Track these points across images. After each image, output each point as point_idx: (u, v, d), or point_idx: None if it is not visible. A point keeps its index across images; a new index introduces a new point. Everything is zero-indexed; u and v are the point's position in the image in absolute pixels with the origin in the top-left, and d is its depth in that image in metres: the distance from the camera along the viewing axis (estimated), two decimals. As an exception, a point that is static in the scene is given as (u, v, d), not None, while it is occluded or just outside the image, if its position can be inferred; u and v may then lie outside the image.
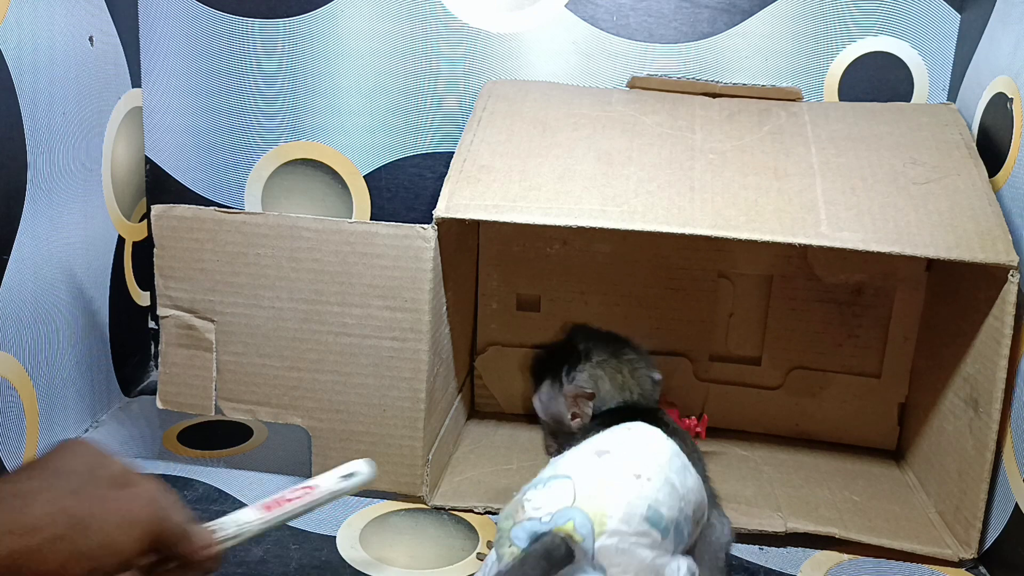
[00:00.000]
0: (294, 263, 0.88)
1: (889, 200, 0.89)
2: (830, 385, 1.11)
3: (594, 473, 0.65)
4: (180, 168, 1.21)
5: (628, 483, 0.63)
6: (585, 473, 0.64)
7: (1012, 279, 0.82)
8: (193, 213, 0.89)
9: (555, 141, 0.97)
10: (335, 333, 0.90)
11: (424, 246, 0.87)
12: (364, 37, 1.16)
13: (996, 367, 0.83)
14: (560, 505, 0.61)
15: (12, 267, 0.90)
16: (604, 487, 0.63)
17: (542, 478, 0.66)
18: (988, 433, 0.84)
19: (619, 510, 0.61)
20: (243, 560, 0.82)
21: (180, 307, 0.91)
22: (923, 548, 0.88)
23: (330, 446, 0.92)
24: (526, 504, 0.62)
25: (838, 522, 0.91)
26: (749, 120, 1.01)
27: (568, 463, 0.67)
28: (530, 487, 0.65)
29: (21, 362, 0.92)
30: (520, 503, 0.63)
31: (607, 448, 0.68)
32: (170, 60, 1.17)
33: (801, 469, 1.03)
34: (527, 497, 0.63)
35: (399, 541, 0.87)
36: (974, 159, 0.94)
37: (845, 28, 1.12)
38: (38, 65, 0.93)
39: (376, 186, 1.20)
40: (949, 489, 0.92)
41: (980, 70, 1.03)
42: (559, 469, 0.66)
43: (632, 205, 0.88)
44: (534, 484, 0.65)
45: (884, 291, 1.08)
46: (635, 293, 1.11)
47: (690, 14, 1.13)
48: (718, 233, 0.85)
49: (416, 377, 0.90)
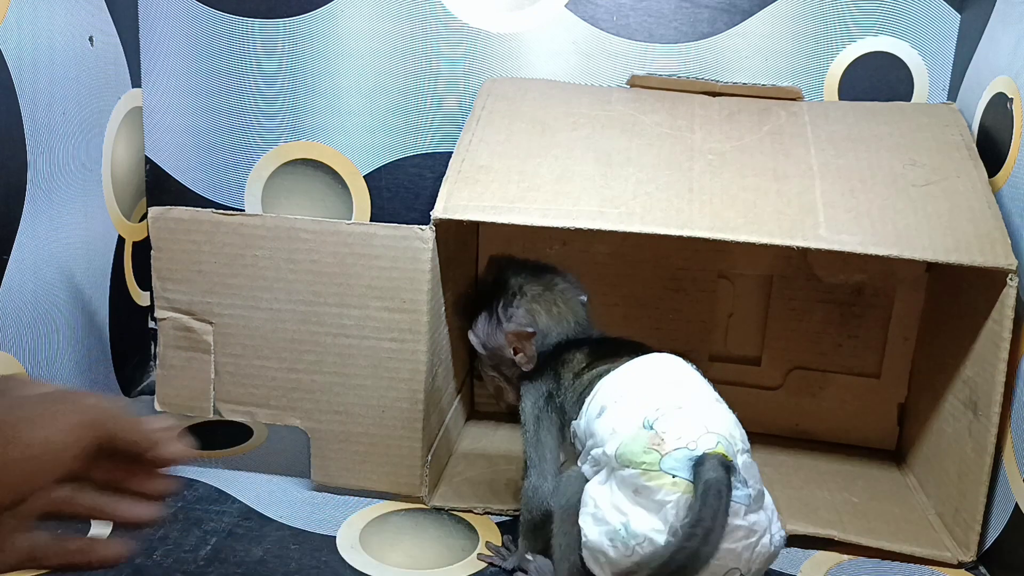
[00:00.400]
0: (292, 264, 0.88)
1: (888, 202, 0.88)
2: (830, 385, 1.11)
3: (696, 401, 0.67)
4: (180, 168, 1.21)
5: (722, 407, 0.69)
6: (689, 402, 0.67)
7: (1011, 283, 0.82)
8: (191, 215, 0.89)
9: (554, 141, 0.97)
10: (333, 334, 0.90)
11: (422, 247, 0.87)
12: (364, 37, 1.16)
13: (995, 370, 0.83)
14: (697, 432, 0.62)
15: (12, 267, 0.90)
16: (713, 412, 0.67)
17: (654, 413, 0.65)
18: (987, 436, 0.84)
19: (737, 429, 0.67)
20: (243, 560, 0.82)
21: (178, 309, 0.91)
22: (922, 551, 0.88)
23: (329, 447, 0.92)
24: (664, 436, 0.62)
25: (837, 524, 0.91)
26: (749, 120, 1.01)
27: (658, 392, 0.69)
28: (647, 422, 0.64)
29: (21, 362, 0.93)
30: (653, 437, 0.63)
31: (667, 379, 0.71)
32: (170, 60, 1.17)
33: (801, 470, 1.03)
34: (659, 430, 0.63)
35: (399, 541, 0.87)
36: (974, 160, 0.93)
37: (845, 28, 1.12)
38: (38, 65, 0.93)
39: (376, 186, 1.20)
40: (948, 491, 0.92)
41: (980, 70, 1.03)
42: (661, 399, 0.67)
43: (631, 206, 0.88)
44: (650, 419, 0.65)
45: (884, 291, 1.08)
46: (635, 293, 1.11)
47: (690, 14, 1.13)
48: (717, 235, 0.85)
49: (415, 378, 0.90)
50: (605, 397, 0.72)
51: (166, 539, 0.84)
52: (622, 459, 0.63)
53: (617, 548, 0.62)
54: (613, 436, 0.66)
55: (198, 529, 0.87)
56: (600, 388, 0.73)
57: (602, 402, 0.72)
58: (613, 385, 0.73)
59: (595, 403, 0.73)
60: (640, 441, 0.63)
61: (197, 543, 0.84)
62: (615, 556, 0.63)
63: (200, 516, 0.89)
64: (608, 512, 0.64)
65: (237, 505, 0.92)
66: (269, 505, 0.92)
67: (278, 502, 0.92)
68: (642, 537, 0.61)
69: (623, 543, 0.62)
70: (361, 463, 0.92)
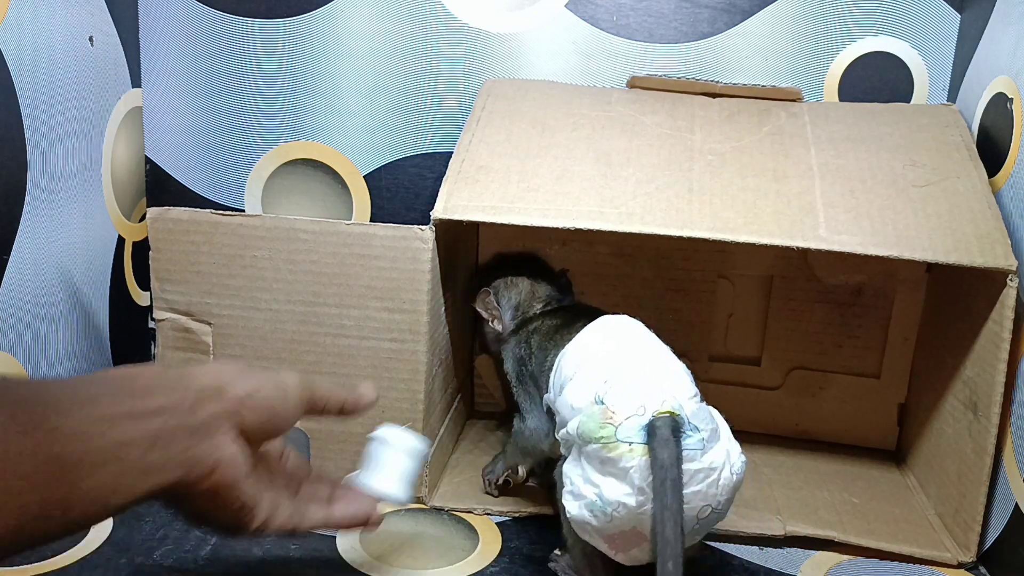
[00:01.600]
0: (291, 265, 0.88)
1: (888, 203, 0.88)
2: (830, 385, 1.11)
3: (640, 363, 0.73)
4: (180, 168, 1.21)
5: (665, 359, 0.74)
6: (634, 366, 0.72)
7: (1011, 283, 0.82)
8: (189, 215, 0.89)
9: (554, 141, 0.97)
10: (333, 335, 0.90)
11: (422, 247, 0.87)
12: (364, 37, 1.16)
13: (995, 371, 0.83)
14: (643, 397, 0.67)
15: (12, 267, 0.90)
16: (660, 368, 0.72)
17: (603, 387, 0.70)
18: (987, 437, 0.84)
19: (682, 378, 0.72)
20: (243, 560, 0.82)
21: (177, 310, 0.91)
22: (922, 551, 0.88)
23: (328, 448, 0.92)
24: (615, 409, 0.67)
25: (837, 525, 0.91)
26: (749, 121, 1.01)
27: (605, 362, 0.73)
28: (598, 397, 0.69)
29: (21, 362, 0.93)
30: (605, 411, 0.67)
31: (613, 345, 0.77)
32: (170, 60, 1.17)
33: (800, 470, 1.03)
34: (609, 404, 0.68)
35: (399, 541, 0.87)
36: (974, 161, 0.93)
37: (845, 28, 1.12)
38: (38, 65, 0.93)
39: (376, 186, 1.20)
40: (948, 492, 0.92)
41: (980, 70, 1.03)
42: (608, 369, 0.72)
43: (630, 207, 0.88)
44: (600, 394, 0.69)
45: (884, 292, 1.08)
46: (635, 294, 1.11)
47: (690, 14, 1.13)
48: (716, 236, 0.85)
49: (414, 378, 0.90)
50: (563, 374, 0.78)
51: (166, 539, 0.84)
52: (583, 437, 0.68)
53: (597, 517, 0.67)
54: (572, 414, 0.71)
55: (198, 529, 0.87)
56: (559, 364, 0.80)
57: (562, 380, 0.77)
58: (569, 360, 0.78)
59: (557, 380, 0.79)
60: (595, 418, 0.68)
61: (197, 543, 0.84)
62: (598, 524, 0.68)
63: (200, 516, 0.89)
64: (582, 486, 0.69)
65: (237, 505, 0.92)
66: (269, 505, 0.92)
67: (278, 502, 0.92)
68: (616, 503, 0.66)
69: (601, 511, 0.67)
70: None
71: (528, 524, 0.91)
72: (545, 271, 1.00)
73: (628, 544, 0.69)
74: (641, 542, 0.68)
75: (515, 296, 0.96)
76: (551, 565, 0.83)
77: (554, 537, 0.88)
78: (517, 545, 0.87)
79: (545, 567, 0.83)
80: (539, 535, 0.89)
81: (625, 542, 0.69)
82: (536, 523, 0.91)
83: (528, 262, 1.02)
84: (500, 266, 1.02)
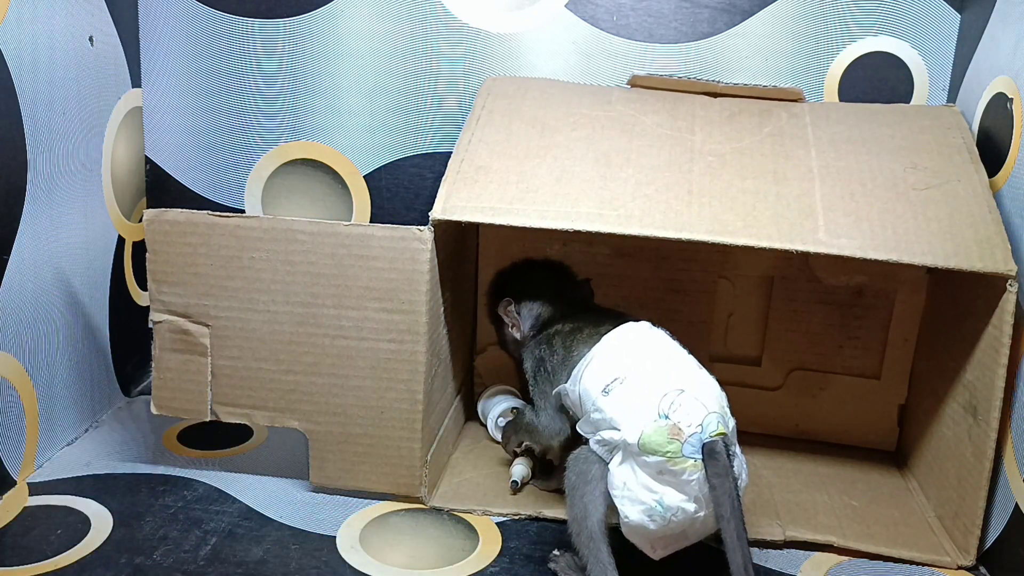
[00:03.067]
0: (289, 266, 0.88)
1: (888, 206, 0.88)
2: (830, 386, 1.11)
3: (689, 378, 0.77)
4: (180, 168, 1.21)
5: (706, 375, 0.79)
6: (685, 381, 0.76)
7: (1010, 288, 0.82)
8: (186, 217, 0.89)
9: (554, 141, 0.96)
10: (331, 336, 0.90)
11: (420, 248, 0.87)
12: (364, 37, 1.15)
13: (995, 375, 0.83)
14: (701, 414, 0.73)
15: (12, 267, 0.90)
16: (705, 387, 0.76)
17: (665, 401, 0.74)
18: (987, 441, 0.84)
19: (722, 397, 0.77)
20: (243, 560, 0.82)
21: (174, 312, 0.91)
22: (921, 555, 0.88)
23: (327, 449, 0.92)
24: (681, 426, 0.73)
25: (836, 529, 0.91)
26: (749, 121, 1.01)
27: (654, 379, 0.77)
28: (662, 412, 0.73)
29: (21, 362, 0.93)
30: (672, 428, 0.73)
31: (658, 354, 0.80)
32: (170, 60, 1.17)
33: (800, 473, 1.03)
34: (675, 420, 0.73)
35: (399, 541, 0.87)
36: (975, 164, 0.93)
37: (845, 28, 1.11)
38: (38, 65, 0.93)
39: (376, 186, 1.20)
40: (948, 495, 0.92)
41: (980, 70, 1.03)
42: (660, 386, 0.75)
43: (629, 208, 0.87)
44: (664, 409, 0.74)
45: (885, 293, 1.08)
46: (635, 294, 1.10)
47: (690, 14, 1.12)
48: (715, 239, 0.84)
49: (414, 379, 0.90)
50: (603, 372, 0.80)
51: (166, 539, 0.85)
52: (646, 448, 0.72)
53: (656, 521, 0.73)
54: (630, 422, 0.74)
55: (198, 529, 0.87)
56: (592, 361, 0.82)
57: (600, 377, 0.79)
58: (608, 361, 0.81)
59: (591, 376, 0.81)
60: (662, 433, 0.72)
61: (197, 543, 0.84)
62: (655, 528, 0.73)
63: (200, 516, 0.89)
64: (640, 492, 0.73)
65: (237, 505, 0.92)
66: (269, 505, 0.92)
67: (278, 502, 0.93)
68: (676, 509, 0.72)
69: (660, 516, 0.73)
70: (360, 464, 0.93)
71: (528, 524, 0.91)
72: (569, 280, 1.01)
73: (669, 544, 0.75)
74: (681, 541, 0.75)
75: (536, 307, 0.97)
76: (551, 565, 0.83)
77: (554, 537, 0.88)
78: (517, 545, 0.87)
79: (545, 567, 0.84)
80: (539, 535, 0.89)
81: (668, 542, 0.75)
82: (536, 523, 0.91)
83: (553, 270, 1.02)
84: (525, 272, 1.01)
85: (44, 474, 0.96)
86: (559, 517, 0.91)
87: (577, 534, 0.78)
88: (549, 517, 0.92)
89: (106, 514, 0.89)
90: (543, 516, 0.92)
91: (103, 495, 0.92)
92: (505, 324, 0.98)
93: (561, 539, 0.87)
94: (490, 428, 1.08)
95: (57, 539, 0.84)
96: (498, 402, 1.09)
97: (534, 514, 0.92)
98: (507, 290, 0.98)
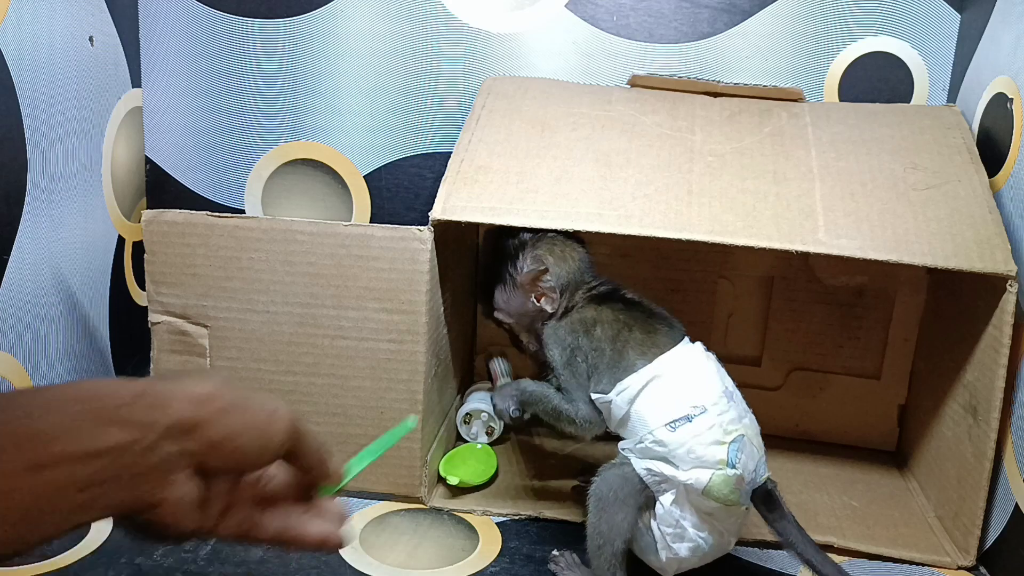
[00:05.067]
0: (288, 267, 0.88)
1: (888, 206, 0.88)
2: (830, 386, 1.11)
3: (747, 421, 0.79)
4: (180, 168, 1.21)
5: (748, 410, 0.81)
6: (745, 425, 0.78)
7: (1010, 288, 0.82)
8: (184, 218, 0.89)
9: (553, 141, 0.96)
10: (331, 336, 0.90)
11: (420, 248, 0.87)
12: (364, 37, 1.15)
13: (995, 376, 0.83)
14: (755, 460, 0.77)
15: (12, 267, 0.90)
16: (754, 426, 0.79)
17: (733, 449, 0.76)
18: (987, 441, 0.84)
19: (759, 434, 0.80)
20: (243, 560, 0.82)
21: (172, 313, 0.91)
22: (921, 556, 0.88)
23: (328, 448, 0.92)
24: (744, 476, 0.76)
25: (837, 530, 0.91)
26: (750, 121, 1.01)
27: (720, 421, 0.77)
28: (732, 461, 0.75)
29: (21, 362, 0.93)
30: (738, 480, 0.76)
31: (720, 390, 0.79)
32: (170, 60, 1.17)
33: (800, 473, 1.03)
34: (740, 470, 0.75)
35: (399, 541, 0.87)
36: (975, 165, 0.93)
37: (845, 28, 1.11)
38: (38, 65, 0.93)
39: (376, 186, 1.20)
40: (948, 495, 0.92)
41: (980, 70, 1.03)
42: (726, 429, 0.77)
43: (629, 209, 0.87)
44: (732, 458, 0.76)
45: (885, 293, 1.08)
46: (635, 294, 1.11)
47: (690, 14, 1.12)
48: (715, 239, 0.84)
49: (414, 379, 0.90)
50: (667, 405, 0.78)
51: (165, 540, 0.85)
52: (710, 494, 0.75)
53: (697, 554, 0.78)
54: (695, 466, 0.76)
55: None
56: (651, 386, 0.80)
57: (665, 409, 0.78)
58: (672, 394, 0.79)
59: (651, 404, 0.79)
60: (729, 483, 0.75)
61: (197, 543, 0.84)
62: (691, 557, 0.78)
63: (199, 517, 0.89)
64: (690, 531, 0.77)
65: (236, 505, 0.92)
66: (268, 505, 0.92)
67: (277, 502, 0.92)
68: (717, 545, 0.78)
69: (703, 551, 0.77)
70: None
71: (528, 524, 0.91)
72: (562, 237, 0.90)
73: (684, 565, 0.79)
74: (701, 561, 0.80)
75: (566, 273, 0.87)
76: (551, 565, 0.83)
77: (554, 537, 0.88)
78: (517, 545, 0.87)
79: (545, 567, 0.84)
80: (539, 535, 0.89)
81: (685, 564, 0.79)
82: (536, 523, 0.91)
83: (579, 241, 0.91)
84: (552, 238, 0.89)
85: (44, 474, 0.96)
86: (559, 517, 0.91)
87: (600, 547, 0.78)
88: (549, 517, 0.92)
89: (106, 514, 0.89)
90: (543, 516, 0.92)
91: (103, 495, 0.92)
92: (524, 293, 0.88)
93: (561, 539, 0.88)
94: (458, 420, 1.06)
95: (57, 539, 0.84)
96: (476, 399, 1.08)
97: (534, 514, 0.92)
98: (531, 254, 0.88)
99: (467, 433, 1.06)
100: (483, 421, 1.06)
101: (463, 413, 1.06)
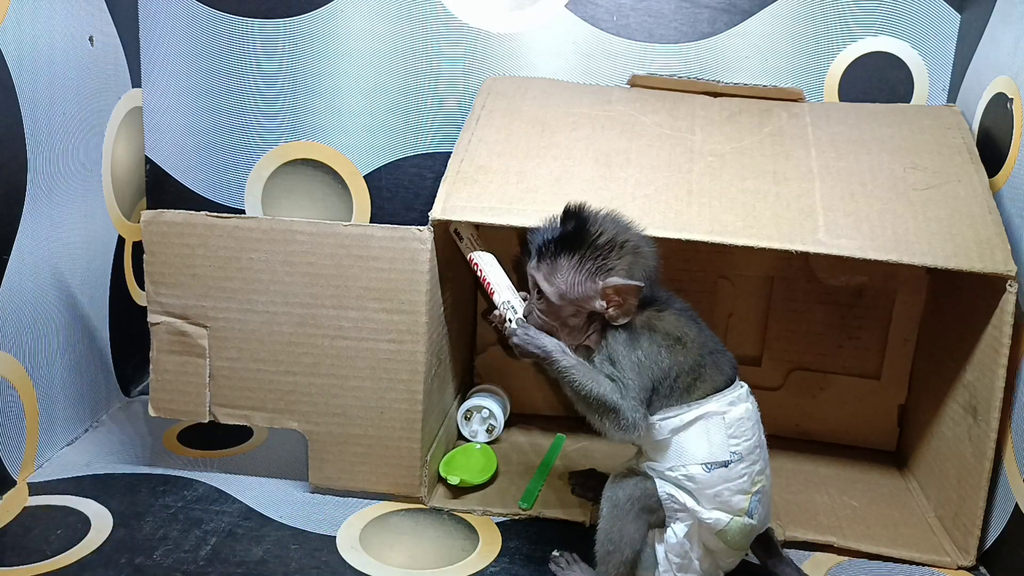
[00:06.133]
0: (288, 267, 0.88)
1: (888, 206, 0.88)
2: (830, 386, 1.11)
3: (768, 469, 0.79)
4: (180, 168, 1.21)
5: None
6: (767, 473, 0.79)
7: (1010, 288, 0.82)
8: (184, 218, 0.89)
9: (553, 141, 0.96)
10: (331, 336, 0.90)
11: (420, 248, 0.87)
12: (364, 37, 1.15)
13: (995, 376, 0.83)
14: (768, 512, 0.80)
15: (12, 267, 0.90)
16: (770, 484, 0.80)
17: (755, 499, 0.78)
18: (987, 442, 0.84)
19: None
20: (243, 560, 0.82)
21: (172, 313, 0.91)
22: (921, 556, 0.88)
23: (327, 449, 0.92)
24: (757, 524, 0.78)
25: (836, 530, 0.91)
26: (750, 121, 1.01)
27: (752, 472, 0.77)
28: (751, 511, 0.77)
29: (21, 362, 0.93)
30: (753, 529, 0.78)
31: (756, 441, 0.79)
32: (170, 60, 1.17)
33: (800, 473, 1.03)
34: (754, 520, 0.77)
35: (399, 541, 0.87)
36: (975, 164, 0.93)
37: (845, 28, 1.11)
38: (38, 65, 0.93)
39: (376, 186, 1.20)
40: (948, 495, 0.92)
41: (980, 70, 1.03)
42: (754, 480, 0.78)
43: (629, 209, 0.87)
44: (752, 507, 0.77)
45: (885, 293, 1.08)
46: (635, 294, 1.10)
47: (690, 14, 1.12)
48: (715, 239, 0.84)
49: (413, 379, 0.90)
50: (709, 447, 0.76)
51: (166, 539, 0.85)
52: (723, 537, 0.77)
53: None
54: (718, 508, 0.76)
55: (198, 529, 0.87)
56: (699, 426, 0.77)
57: (705, 450, 0.76)
58: (717, 439, 0.77)
59: (696, 442, 0.76)
60: (744, 531, 0.77)
61: (197, 543, 0.84)
62: None
63: (200, 516, 0.89)
64: (694, 562, 0.78)
65: (237, 505, 0.92)
66: (269, 505, 0.92)
67: (278, 502, 0.93)
68: (713, 573, 0.80)
69: None
70: (360, 465, 0.93)
71: (528, 524, 0.91)
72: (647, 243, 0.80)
73: None
74: None
75: (647, 290, 0.78)
76: (551, 565, 0.83)
77: (554, 537, 0.88)
78: (517, 545, 0.87)
79: (545, 567, 0.84)
80: (539, 535, 0.89)
81: None
82: (536, 523, 0.91)
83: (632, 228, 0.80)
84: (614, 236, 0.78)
85: (44, 474, 0.96)
86: (559, 517, 0.91)
87: (609, 553, 0.78)
88: (549, 517, 0.92)
89: (106, 514, 0.89)
90: (543, 516, 0.92)
91: (103, 495, 0.92)
92: (586, 301, 0.77)
93: (561, 539, 0.88)
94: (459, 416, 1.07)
95: (57, 539, 0.84)
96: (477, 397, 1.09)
97: (534, 514, 0.92)
98: (626, 264, 0.77)
99: (467, 429, 1.06)
100: (483, 417, 1.06)
101: (464, 409, 1.06)
